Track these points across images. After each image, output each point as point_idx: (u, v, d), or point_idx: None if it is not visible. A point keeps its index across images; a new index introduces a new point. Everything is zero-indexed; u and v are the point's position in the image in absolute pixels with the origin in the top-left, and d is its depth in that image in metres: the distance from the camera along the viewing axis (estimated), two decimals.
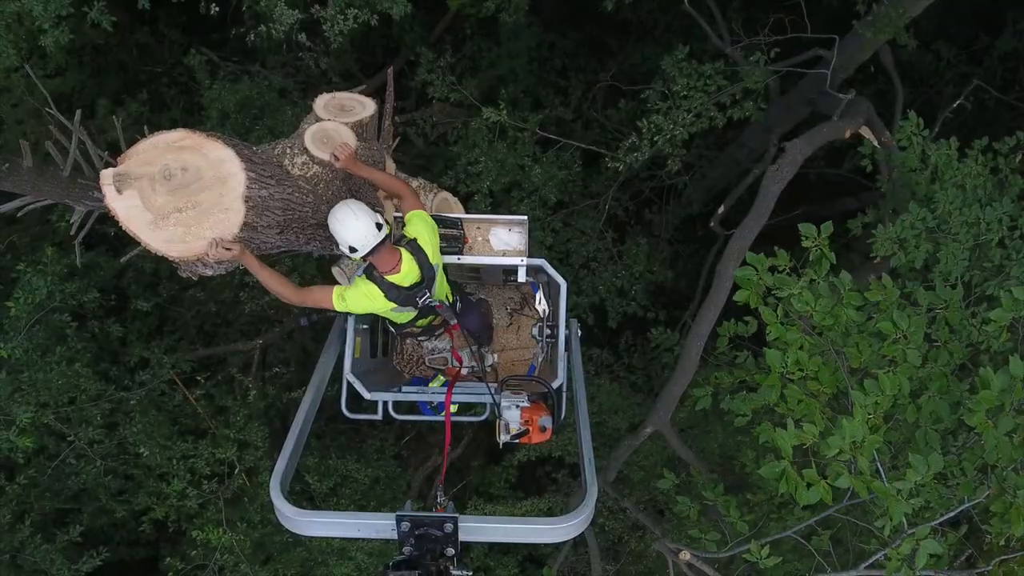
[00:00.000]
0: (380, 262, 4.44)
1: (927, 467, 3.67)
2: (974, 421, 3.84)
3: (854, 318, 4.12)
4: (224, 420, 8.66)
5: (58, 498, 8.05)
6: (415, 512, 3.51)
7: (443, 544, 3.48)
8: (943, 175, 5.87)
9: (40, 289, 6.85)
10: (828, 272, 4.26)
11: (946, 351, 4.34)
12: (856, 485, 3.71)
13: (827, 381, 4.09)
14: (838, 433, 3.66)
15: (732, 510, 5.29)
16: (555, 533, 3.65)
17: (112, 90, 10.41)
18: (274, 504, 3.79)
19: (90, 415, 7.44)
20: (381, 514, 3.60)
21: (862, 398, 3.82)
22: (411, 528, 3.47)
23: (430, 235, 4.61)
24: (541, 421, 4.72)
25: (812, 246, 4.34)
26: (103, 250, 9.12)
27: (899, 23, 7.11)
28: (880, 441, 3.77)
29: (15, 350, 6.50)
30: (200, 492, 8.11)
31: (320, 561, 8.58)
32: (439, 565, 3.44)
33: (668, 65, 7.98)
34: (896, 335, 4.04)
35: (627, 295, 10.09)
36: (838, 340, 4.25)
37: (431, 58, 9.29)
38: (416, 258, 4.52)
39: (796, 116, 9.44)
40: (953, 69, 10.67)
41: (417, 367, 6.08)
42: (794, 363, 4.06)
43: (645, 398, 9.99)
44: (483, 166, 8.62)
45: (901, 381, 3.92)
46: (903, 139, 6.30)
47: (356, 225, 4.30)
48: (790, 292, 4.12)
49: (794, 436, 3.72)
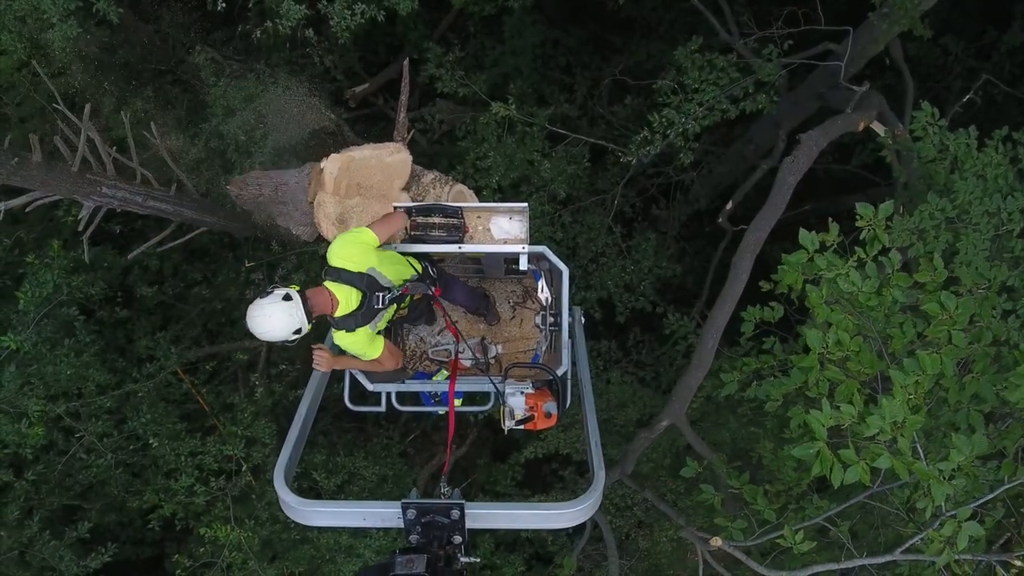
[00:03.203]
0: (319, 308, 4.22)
1: (971, 447, 3.63)
2: (1015, 396, 3.80)
3: (900, 299, 4.05)
4: (232, 417, 8.64)
5: (67, 494, 8.05)
6: (420, 499, 3.46)
7: (450, 531, 3.42)
8: (963, 165, 5.82)
9: (47, 283, 6.84)
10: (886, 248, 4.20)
11: (988, 331, 4.28)
12: (897, 466, 3.64)
13: (867, 362, 4.01)
14: (878, 413, 3.60)
15: (760, 498, 5.23)
16: (562, 519, 3.54)
17: (116, 89, 10.37)
18: (278, 494, 3.71)
19: (99, 407, 7.42)
20: (386, 502, 3.50)
21: (902, 378, 3.76)
22: (417, 516, 3.40)
23: (342, 248, 4.39)
24: (546, 407, 4.68)
25: (867, 226, 4.25)
26: (109, 247, 9.12)
27: (914, 13, 7.05)
28: (921, 422, 3.71)
29: (24, 343, 6.47)
30: (208, 489, 8.10)
31: (328, 559, 8.55)
32: (447, 551, 3.39)
33: (681, 56, 7.95)
34: (942, 316, 3.99)
35: (635, 290, 10.06)
36: (880, 321, 4.18)
37: (439, 53, 9.27)
38: (341, 280, 4.31)
39: (804, 111, 9.40)
40: (961, 63, 10.65)
41: (420, 362, 6.04)
42: (835, 344, 3.99)
43: (654, 393, 9.96)
44: (492, 161, 8.60)
45: (945, 362, 3.87)
46: (918, 129, 6.26)
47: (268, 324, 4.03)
48: (837, 272, 4.05)
49: (830, 416, 3.66)
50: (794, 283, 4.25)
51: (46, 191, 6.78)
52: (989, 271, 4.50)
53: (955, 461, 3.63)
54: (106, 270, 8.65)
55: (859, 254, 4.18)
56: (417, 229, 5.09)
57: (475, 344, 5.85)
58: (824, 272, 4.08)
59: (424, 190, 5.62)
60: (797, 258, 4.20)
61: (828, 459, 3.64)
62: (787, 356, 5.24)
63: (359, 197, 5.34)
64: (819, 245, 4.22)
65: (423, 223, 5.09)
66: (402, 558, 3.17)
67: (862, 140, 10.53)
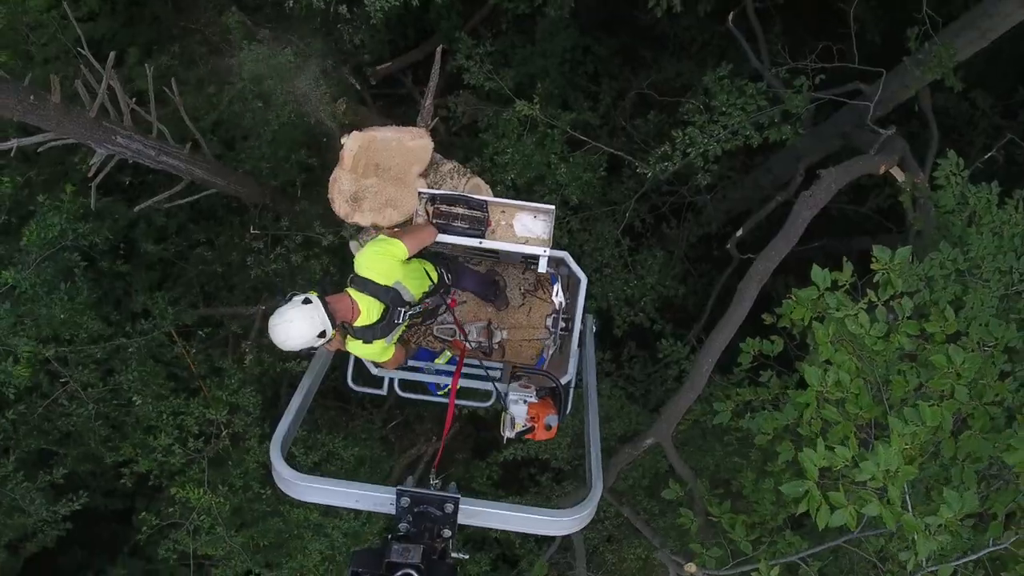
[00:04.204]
0: (339, 314, 4.15)
1: (962, 505, 3.60)
2: (1013, 459, 3.77)
3: (907, 347, 4.02)
4: (219, 381, 8.60)
5: (45, 438, 8.00)
6: (417, 489, 3.42)
7: (441, 524, 3.38)
8: (981, 219, 5.80)
9: (54, 225, 6.81)
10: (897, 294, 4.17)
11: (991, 389, 4.25)
12: (885, 515, 3.62)
13: (866, 405, 3.99)
14: (872, 459, 3.58)
15: (738, 528, 5.20)
16: (557, 526, 3.57)
17: (143, 41, 10.35)
18: (273, 465, 3.70)
19: (88, 356, 7.39)
20: (381, 487, 3.49)
21: (901, 426, 3.74)
22: (411, 504, 3.38)
23: (372, 260, 4.30)
24: (547, 419, 4.62)
25: (881, 269, 4.24)
26: (118, 197, 9.09)
27: (948, 64, 7.05)
28: (915, 473, 3.68)
29: (22, 282, 6.43)
30: (185, 450, 8.06)
31: (296, 534, 8.52)
32: (438, 544, 3.34)
33: (710, 80, 7.94)
34: (947, 369, 3.96)
35: (636, 305, 10.04)
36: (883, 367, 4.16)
37: (470, 44, 9.24)
38: (366, 291, 4.25)
39: (827, 147, 9.39)
40: (987, 119, 10.65)
41: (424, 337, 5.98)
42: (835, 384, 3.96)
43: (641, 410, 9.94)
44: (509, 157, 8.57)
45: (944, 415, 3.84)
46: (940, 178, 6.24)
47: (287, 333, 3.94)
48: (847, 313, 4.02)
49: (823, 457, 3.64)
50: (802, 318, 4.21)
51: (60, 133, 6.74)
52: (999, 329, 4.48)
53: (944, 517, 3.61)
54: (113, 220, 8.62)
55: (870, 297, 4.14)
56: (440, 217, 5.05)
57: (481, 328, 5.81)
58: (833, 311, 4.03)
59: (441, 179, 5.59)
60: (807, 294, 4.19)
61: (816, 499, 3.60)
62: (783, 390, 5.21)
63: (375, 178, 5.30)
64: (831, 283, 4.19)
65: (446, 212, 5.06)
66: (398, 546, 3.12)
67: (879, 184, 10.52)
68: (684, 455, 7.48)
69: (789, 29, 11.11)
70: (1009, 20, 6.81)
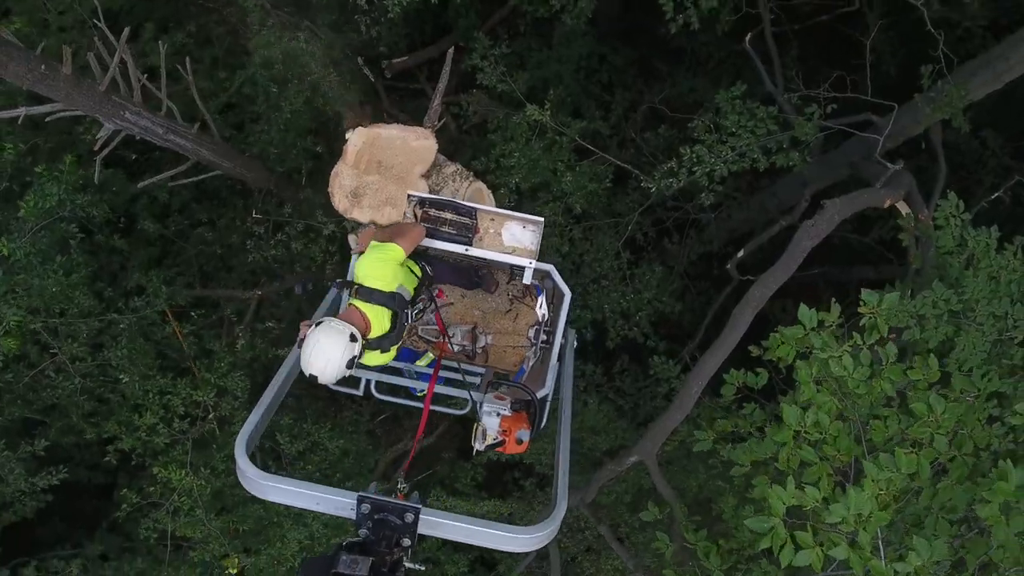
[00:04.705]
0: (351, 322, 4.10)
1: (931, 553, 3.58)
2: (985, 513, 3.75)
3: (889, 392, 4.02)
4: (208, 364, 8.58)
5: (29, 408, 7.97)
6: (378, 496, 3.41)
7: (401, 533, 3.36)
8: (979, 263, 5.80)
9: (52, 195, 6.78)
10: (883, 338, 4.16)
11: (971, 440, 4.26)
12: (853, 560, 3.60)
13: (845, 448, 3.99)
14: (843, 502, 3.57)
15: (712, 557, 5.19)
16: (517, 543, 3.50)
17: (160, 16, 10.33)
18: (236, 462, 3.67)
19: (78, 331, 7.37)
20: (343, 491, 3.48)
21: (875, 471, 3.74)
22: (371, 511, 3.36)
23: (375, 268, 4.26)
24: (519, 434, 4.58)
25: (868, 313, 4.25)
26: (121, 172, 9.07)
27: (959, 104, 7.06)
28: (888, 519, 3.68)
29: (16, 251, 6.41)
30: (170, 430, 8.04)
31: (275, 522, 8.51)
32: (394, 555, 3.32)
33: (722, 100, 7.92)
34: (928, 417, 3.96)
35: (631, 319, 10.02)
36: (865, 411, 4.15)
37: (486, 44, 9.22)
38: (373, 301, 4.20)
39: (834, 176, 9.38)
40: (997, 159, 10.64)
41: (408, 337, 5.97)
42: (813, 424, 3.96)
43: (629, 424, 9.92)
44: (516, 161, 8.56)
45: (922, 463, 3.85)
46: (940, 219, 6.24)
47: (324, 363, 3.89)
48: (831, 354, 4.02)
49: (792, 496, 3.63)
50: (786, 355, 4.20)
51: (69, 105, 6.72)
52: (980, 380, 4.47)
53: (912, 564, 3.59)
54: (114, 194, 8.60)
55: (855, 340, 4.13)
56: (428, 222, 5.05)
57: (466, 331, 5.80)
58: (817, 351, 4.02)
59: (443, 181, 5.58)
60: (793, 332, 4.18)
61: (781, 537, 3.59)
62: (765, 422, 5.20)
63: (377, 175, 5.28)
64: (817, 323, 4.18)
65: (435, 216, 5.05)
66: (347, 557, 3.11)
67: (884, 215, 10.51)
68: (668, 475, 7.47)
69: (805, 55, 11.11)
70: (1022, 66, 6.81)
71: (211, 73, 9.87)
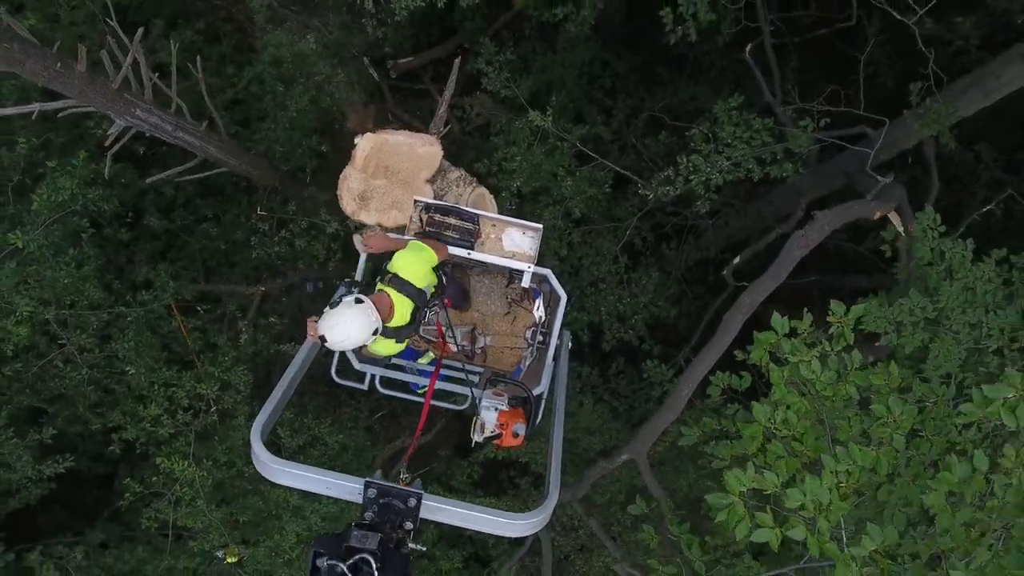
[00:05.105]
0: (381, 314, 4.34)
1: (882, 539, 3.84)
2: (931, 500, 4.01)
3: (853, 395, 4.28)
4: (212, 357, 8.73)
5: (37, 397, 8.12)
6: (384, 481, 3.67)
7: (404, 516, 3.62)
8: (956, 274, 6.05)
9: (65, 189, 6.93)
10: (849, 346, 4.38)
11: (928, 442, 4.53)
12: (810, 542, 3.84)
13: (811, 445, 4.26)
14: (800, 488, 3.84)
15: (694, 549, 5.42)
16: (510, 528, 3.77)
17: (169, 12, 10.45)
18: (252, 447, 3.90)
19: (87, 322, 7.52)
20: (351, 477, 3.71)
21: (832, 463, 4.00)
22: (377, 495, 3.63)
23: (415, 264, 4.53)
24: (515, 427, 4.86)
25: (836, 322, 4.48)
26: (129, 166, 9.20)
27: (946, 122, 7.26)
28: (847, 508, 3.93)
29: (30, 244, 6.57)
30: (174, 422, 8.19)
31: (274, 514, 8.65)
32: (398, 535, 3.56)
33: (719, 110, 8.09)
34: (887, 419, 4.20)
35: (627, 322, 10.18)
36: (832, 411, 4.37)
37: (491, 50, 9.38)
38: (404, 292, 4.46)
39: (829, 186, 9.55)
40: (990, 172, 10.79)
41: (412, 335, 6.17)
42: (782, 421, 4.23)
43: (623, 425, 10.08)
44: (517, 165, 8.73)
45: (880, 460, 4.11)
46: (918, 231, 6.49)
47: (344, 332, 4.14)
48: (801, 359, 4.27)
49: (752, 479, 3.89)
50: (761, 359, 4.43)
51: (82, 102, 6.87)
52: (939, 387, 4.73)
53: (866, 548, 3.84)
54: (123, 188, 8.74)
55: (824, 347, 4.37)
56: (433, 226, 5.24)
57: (465, 332, 6.00)
58: (789, 355, 4.29)
59: (448, 186, 5.75)
60: (766, 337, 4.44)
61: (738, 513, 3.88)
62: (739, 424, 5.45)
63: (384, 180, 5.46)
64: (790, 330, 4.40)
65: (439, 221, 5.25)
66: (358, 532, 3.38)
67: (877, 226, 10.65)
68: (660, 475, 7.66)
69: (805, 67, 11.26)
70: (1013, 84, 6.99)
71: (219, 69, 9.99)
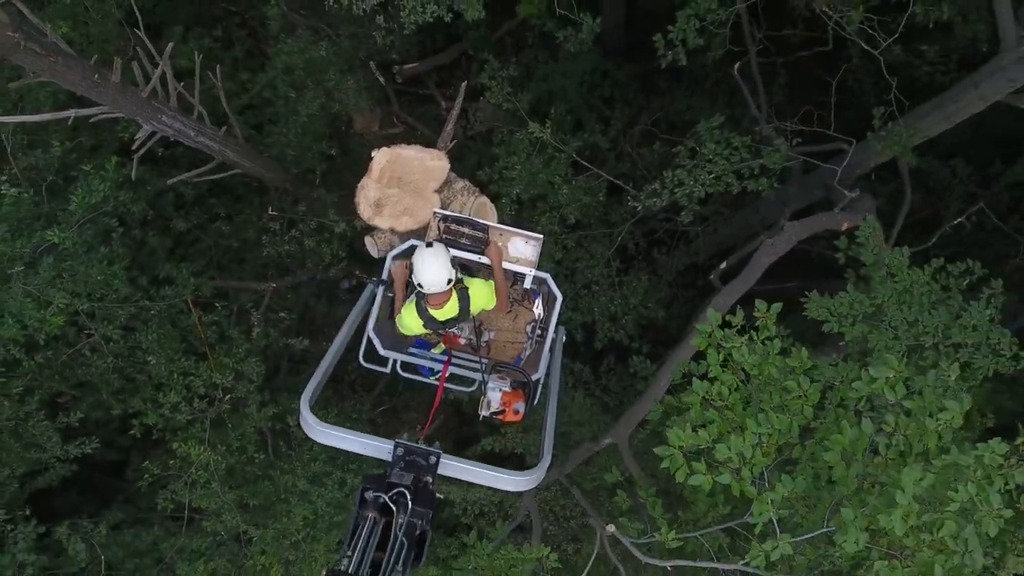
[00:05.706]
0: (432, 298, 5.36)
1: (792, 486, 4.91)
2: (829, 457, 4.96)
3: (774, 375, 5.20)
4: (227, 349, 9.22)
5: (65, 383, 8.61)
6: (409, 442, 4.49)
7: (424, 472, 4.40)
8: (896, 277, 6.91)
9: (98, 191, 7.44)
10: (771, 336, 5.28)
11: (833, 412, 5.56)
12: (733, 486, 4.79)
13: (740, 414, 5.15)
14: (726, 443, 4.80)
15: (657, 508, 6.52)
16: (512, 483, 4.64)
17: (184, 16, 10.79)
18: (300, 411, 4.69)
19: (114, 315, 8.01)
20: (382, 439, 4.55)
21: (754, 425, 4.92)
22: (404, 454, 4.42)
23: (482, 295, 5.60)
24: (516, 405, 5.76)
25: (761, 317, 5.32)
26: (150, 167, 9.65)
27: (908, 144, 7.88)
28: (767, 463, 4.93)
29: (66, 240, 7.08)
30: (191, 409, 8.67)
31: (283, 498, 9.12)
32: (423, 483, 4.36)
33: (702, 129, 8.67)
34: (798, 392, 5.09)
35: (618, 322, 10.70)
36: (760, 388, 5.34)
37: (495, 66, 9.89)
38: (460, 302, 5.47)
39: (811, 196, 10.09)
40: (964, 186, 11.30)
41: None
42: (716, 394, 5.16)
43: (612, 419, 10.54)
44: (517, 173, 9.26)
45: (792, 425, 5.07)
46: (862, 238, 7.25)
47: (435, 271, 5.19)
48: (731, 345, 5.18)
49: (690, 438, 4.84)
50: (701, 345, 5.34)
51: (114, 109, 7.39)
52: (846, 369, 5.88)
53: (779, 494, 4.82)
54: (144, 189, 9.21)
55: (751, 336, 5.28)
56: (449, 234, 6.00)
57: (472, 327, 6.66)
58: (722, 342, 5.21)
59: (453, 195, 6.33)
60: (703, 328, 5.31)
61: (678, 462, 4.83)
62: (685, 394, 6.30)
63: (397, 189, 6.05)
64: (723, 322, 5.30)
65: (455, 230, 6.00)
66: (397, 471, 4.25)
67: None
68: (644, 462, 8.23)
69: (792, 83, 11.71)
70: (969, 109, 7.54)
71: (233, 74, 10.40)
